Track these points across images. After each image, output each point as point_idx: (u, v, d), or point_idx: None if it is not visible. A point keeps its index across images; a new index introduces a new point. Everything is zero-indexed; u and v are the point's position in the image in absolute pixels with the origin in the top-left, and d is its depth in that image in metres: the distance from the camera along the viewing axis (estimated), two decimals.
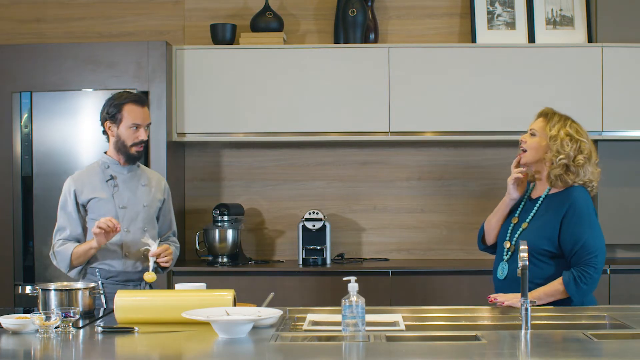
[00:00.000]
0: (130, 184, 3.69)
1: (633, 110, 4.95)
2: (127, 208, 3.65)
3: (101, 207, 3.62)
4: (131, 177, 3.70)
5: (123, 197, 3.66)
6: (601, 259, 3.30)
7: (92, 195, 3.63)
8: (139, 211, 3.68)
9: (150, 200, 3.72)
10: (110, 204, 3.63)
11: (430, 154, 5.35)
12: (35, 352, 2.60)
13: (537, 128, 3.46)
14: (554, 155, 3.37)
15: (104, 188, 3.65)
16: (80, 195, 3.63)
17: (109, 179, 3.66)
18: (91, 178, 3.67)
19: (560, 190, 3.41)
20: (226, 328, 2.71)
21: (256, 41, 5.07)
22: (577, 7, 5.16)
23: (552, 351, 2.56)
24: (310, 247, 5.03)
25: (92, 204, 3.63)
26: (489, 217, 3.62)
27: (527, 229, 3.42)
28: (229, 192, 5.37)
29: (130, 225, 3.65)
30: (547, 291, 3.26)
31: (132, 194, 3.68)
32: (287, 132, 5.01)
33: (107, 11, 5.36)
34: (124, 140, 3.63)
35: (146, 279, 3.44)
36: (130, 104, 3.62)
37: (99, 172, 3.68)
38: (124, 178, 3.69)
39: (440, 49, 5.01)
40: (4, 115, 4.84)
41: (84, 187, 3.64)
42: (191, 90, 5.00)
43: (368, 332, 2.75)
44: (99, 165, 3.70)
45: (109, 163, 3.69)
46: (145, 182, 3.73)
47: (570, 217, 3.32)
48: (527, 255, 2.84)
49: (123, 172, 3.69)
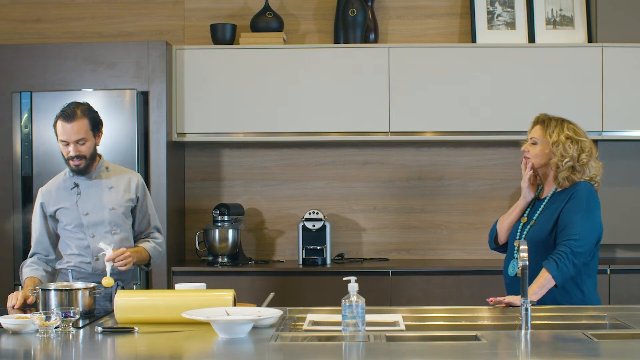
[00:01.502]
0: (95, 189, 3.73)
1: (633, 110, 4.95)
2: (90, 214, 3.69)
3: (67, 216, 3.70)
4: (96, 182, 3.74)
5: (86, 204, 3.70)
6: (582, 245, 3.31)
7: (57, 205, 3.72)
8: (105, 216, 3.70)
9: (117, 202, 3.73)
10: (74, 212, 3.70)
11: (430, 154, 5.35)
12: (35, 352, 2.60)
13: (537, 136, 3.52)
14: (559, 159, 3.45)
15: (68, 196, 3.72)
16: (48, 207, 3.73)
17: (72, 187, 3.72)
18: (57, 187, 3.75)
19: (567, 188, 3.48)
20: (226, 328, 2.71)
21: (256, 41, 5.07)
22: (577, 7, 5.16)
23: (552, 351, 2.56)
24: (310, 247, 5.03)
25: (59, 213, 3.72)
26: (501, 218, 3.65)
27: (534, 225, 3.48)
28: (229, 192, 5.37)
29: (96, 230, 3.69)
30: (538, 283, 3.27)
31: (98, 199, 3.71)
32: (287, 132, 5.01)
33: (107, 11, 5.36)
34: (63, 154, 3.69)
35: (104, 284, 3.42)
36: (60, 119, 3.63)
37: (64, 180, 3.75)
38: (87, 184, 3.73)
39: (440, 49, 5.01)
40: (4, 115, 4.84)
41: (50, 199, 3.73)
42: (191, 90, 5.00)
43: (368, 332, 2.75)
44: (65, 174, 3.77)
45: None
46: (111, 184, 3.76)
47: (569, 206, 3.40)
48: (527, 255, 2.85)
49: (86, 179, 3.73)
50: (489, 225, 3.86)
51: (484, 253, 5.21)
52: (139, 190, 3.80)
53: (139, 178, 3.84)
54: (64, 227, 3.71)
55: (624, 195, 5.09)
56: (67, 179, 3.74)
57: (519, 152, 3.61)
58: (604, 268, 4.77)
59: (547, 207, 3.49)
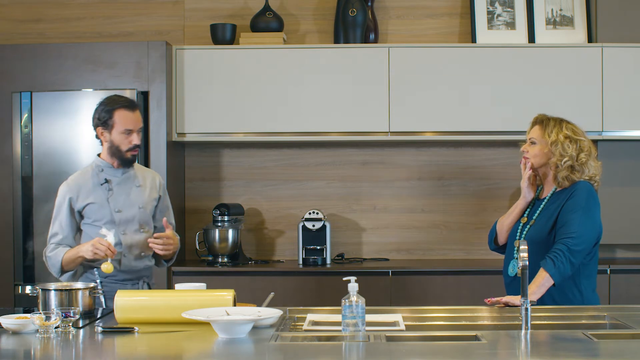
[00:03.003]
0: (125, 186, 3.69)
1: (633, 110, 4.95)
2: (123, 211, 3.65)
3: (97, 212, 3.63)
4: (125, 180, 3.70)
5: (118, 201, 3.65)
6: (580, 244, 3.31)
7: (87, 201, 3.63)
8: (135, 213, 3.67)
9: (145, 201, 3.71)
10: (105, 209, 3.63)
11: (430, 154, 5.35)
12: (35, 352, 2.60)
13: (535, 136, 3.53)
14: (558, 159, 3.46)
15: (99, 192, 3.65)
16: (76, 202, 3.63)
17: (103, 183, 3.66)
18: (85, 183, 3.66)
19: (566, 187, 3.49)
20: (226, 328, 2.71)
21: (256, 41, 5.07)
22: (577, 7, 5.16)
23: (552, 351, 2.56)
24: (310, 247, 5.03)
25: (88, 209, 3.63)
26: (501, 219, 3.65)
27: (534, 225, 3.49)
28: (229, 192, 5.37)
29: (127, 228, 3.65)
30: (537, 282, 3.27)
31: (127, 196, 3.67)
32: (287, 132, 5.01)
33: (107, 11, 5.36)
34: (118, 145, 3.63)
35: (103, 269, 3.42)
36: (122, 109, 3.61)
37: (93, 175, 3.67)
38: (118, 181, 3.68)
39: (440, 49, 5.01)
40: (4, 115, 4.84)
41: (79, 193, 3.64)
42: (191, 90, 5.00)
43: (368, 332, 2.75)
44: (93, 169, 3.69)
45: (103, 166, 3.68)
46: (139, 182, 3.73)
47: (568, 205, 3.40)
48: (527, 255, 2.85)
49: (117, 175, 3.68)
50: (489, 225, 3.86)
51: (484, 253, 5.21)
52: (161, 189, 3.80)
53: (160, 177, 3.85)
54: (92, 224, 3.62)
55: (624, 195, 5.09)
56: (95, 175, 3.67)
57: (519, 152, 3.61)
58: (604, 268, 4.77)
59: (546, 207, 3.49)
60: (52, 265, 3.61)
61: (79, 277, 3.65)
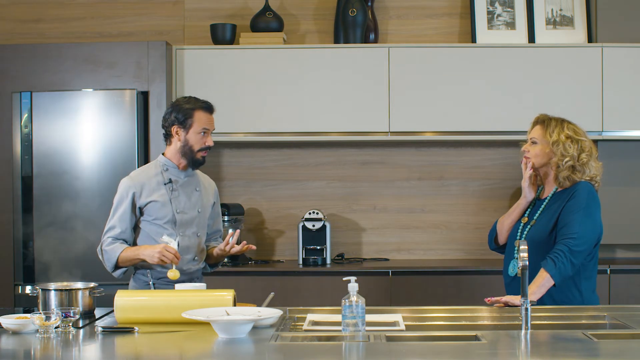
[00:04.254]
0: (187, 188, 3.69)
1: (633, 110, 4.95)
2: (184, 213, 3.65)
3: (159, 211, 3.62)
4: (188, 182, 3.70)
5: (180, 202, 3.65)
6: (581, 244, 3.32)
7: (150, 198, 3.62)
8: (194, 216, 3.68)
9: (203, 205, 3.73)
10: (167, 208, 3.63)
11: (430, 154, 5.35)
12: (35, 352, 2.60)
13: (537, 136, 3.54)
14: (559, 159, 3.46)
15: (162, 191, 3.64)
16: (139, 198, 3.62)
17: (167, 182, 3.65)
18: (150, 180, 3.65)
19: (567, 188, 3.49)
20: (226, 328, 2.71)
21: (256, 41, 5.07)
22: (577, 7, 5.16)
23: (552, 351, 2.56)
24: (310, 247, 5.03)
25: (150, 206, 3.62)
26: (501, 219, 3.65)
27: (534, 225, 3.49)
28: (229, 192, 5.37)
29: (186, 230, 3.66)
30: (537, 283, 3.28)
31: (188, 199, 3.68)
32: (287, 132, 5.01)
33: (107, 11, 5.36)
34: (192, 145, 3.63)
35: (170, 276, 3.44)
36: (201, 110, 3.64)
37: (157, 174, 3.66)
38: (181, 182, 3.68)
39: (440, 49, 5.01)
40: (4, 115, 4.83)
41: (143, 190, 3.62)
42: (191, 90, 4.98)
43: (368, 332, 2.75)
44: (157, 167, 3.68)
45: (168, 166, 3.67)
46: (199, 187, 3.73)
47: (568, 205, 3.40)
48: (527, 255, 2.85)
49: (180, 177, 3.68)
50: (489, 225, 3.86)
51: (484, 253, 5.21)
52: (215, 195, 3.83)
53: (214, 184, 3.87)
54: (152, 222, 3.61)
55: (624, 195, 5.09)
56: (160, 173, 3.66)
57: (519, 152, 3.61)
58: (604, 268, 4.77)
59: (547, 207, 3.50)
60: (108, 260, 3.59)
61: (131, 276, 3.67)
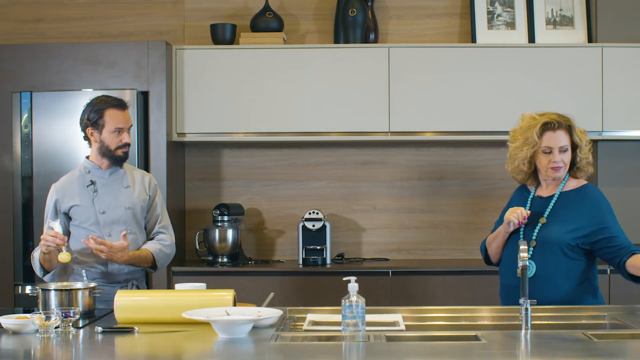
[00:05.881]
0: (112, 187, 3.71)
1: (633, 110, 4.95)
2: (107, 212, 3.67)
3: (82, 214, 3.66)
4: (113, 181, 3.71)
5: (103, 202, 3.67)
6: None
7: (72, 202, 3.67)
8: (121, 214, 3.69)
9: (133, 202, 3.72)
10: (90, 210, 3.66)
11: (430, 154, 5.35)
12: (35, 352, 2.60)
13: (567, 142, 3.46)
14: (585, 156, 3.47)
15: (84, 194, 3.68)
16: (62, 204, 3.68)
17: (89, 184, 3.69)
18: (72, 185, 3.70)
19: (573, 188, 3.47)
20: (226, 328, 2.71)
21: (256, 41, 5.07)
22: (577, 7, 5.16)
23: (552, 351, 2.56)
24: (310, 247, 5.03)
25: (73, 211, 3.67)
26: (488, 239, 3.59)
27: (545, 225, 3.42)
28: (229, 192, 5.37)
29: (112, 229, 3.66)
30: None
31: (114, 197, 3.69)
32: (287, 132, 5.01)
33: (107, 11, 5.36)
34: (108, 145, 3.66)
35: (59, 259, 3.43)
36: (112, 108, 3.65)
37: (79, 177, 3.71)
38: (104, 182, 3.70)
39: (440, 49, 5.01)
40: (4, 115, 4.84)
41: (64, 196, 3.68)
42: (191, 90, 5.00)
43: (368, 332, 2.75)
44: (80, 171, 3.73)
45: (90, 168, 3.71)
46: (128, 183, 3.74)
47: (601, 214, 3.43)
48: (527, 255, 2.85)
49: (104, 176, 3.71)
50: (489, 226, 3.86)
51: None
52: (151, 189, 3.80)
53: (152, 177, 3.85)
54: (78, 225, 3.66)
55: (624, 195, 5.09)
56: (82, 176, 3.71)
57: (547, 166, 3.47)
58: (604, 268, 4.77)
59: (557, 206, 3.43)
60: (34, 266, 3.65)
61: (69, 277, 3.66)
